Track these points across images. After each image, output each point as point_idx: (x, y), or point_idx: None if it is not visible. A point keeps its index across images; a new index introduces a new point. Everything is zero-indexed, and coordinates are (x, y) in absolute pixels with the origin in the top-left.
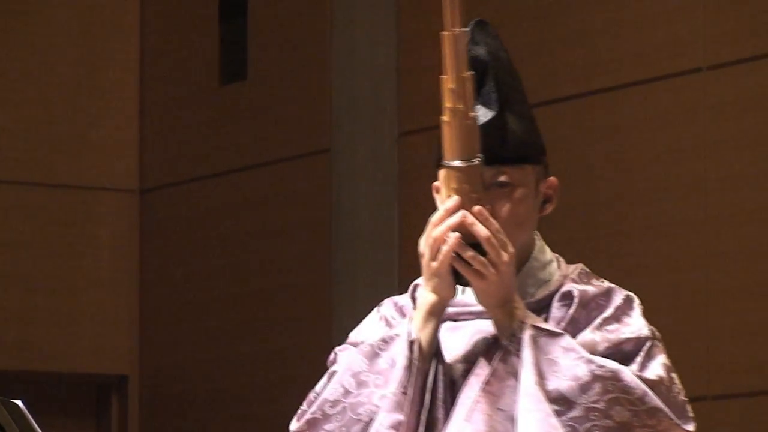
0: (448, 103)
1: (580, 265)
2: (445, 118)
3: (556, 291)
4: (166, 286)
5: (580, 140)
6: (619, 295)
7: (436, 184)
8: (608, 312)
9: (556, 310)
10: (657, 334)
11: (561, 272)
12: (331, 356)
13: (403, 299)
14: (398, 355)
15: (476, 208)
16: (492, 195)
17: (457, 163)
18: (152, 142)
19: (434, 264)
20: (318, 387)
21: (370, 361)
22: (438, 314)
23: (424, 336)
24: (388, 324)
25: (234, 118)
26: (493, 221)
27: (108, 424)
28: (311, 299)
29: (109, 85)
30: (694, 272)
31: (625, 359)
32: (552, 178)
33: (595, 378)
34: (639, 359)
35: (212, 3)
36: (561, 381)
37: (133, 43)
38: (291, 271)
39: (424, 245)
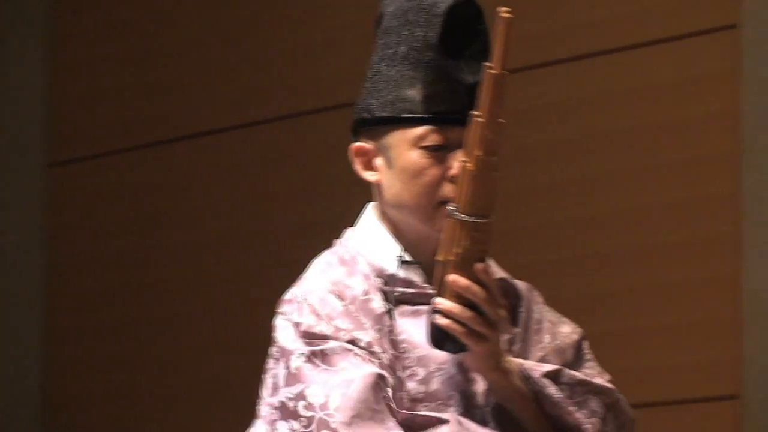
0: (478, 151)
1: None
2: (470, 166)
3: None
4: None
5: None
6: None
7: (358, 145)
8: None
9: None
10: None
11: None
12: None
13: (354, 282)
14: None
15: (479, 265)
16: (454, 158)
17: (475, 219)
18: None
19: None
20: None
21: None
22: None
23: None
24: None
25: None
26: (492, 276)
27: None
28: None
29: None
30: None
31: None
32: None
33: (608, 408)
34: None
35: None
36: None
37: None
38: None
39: None
